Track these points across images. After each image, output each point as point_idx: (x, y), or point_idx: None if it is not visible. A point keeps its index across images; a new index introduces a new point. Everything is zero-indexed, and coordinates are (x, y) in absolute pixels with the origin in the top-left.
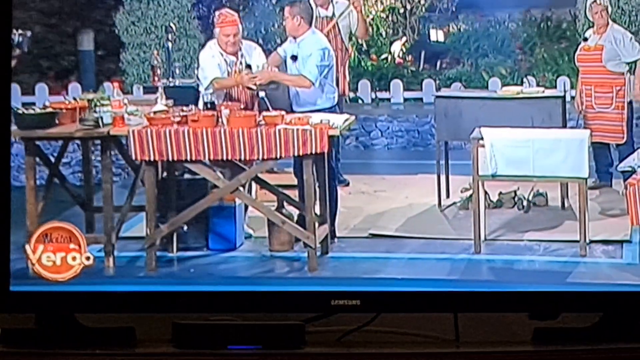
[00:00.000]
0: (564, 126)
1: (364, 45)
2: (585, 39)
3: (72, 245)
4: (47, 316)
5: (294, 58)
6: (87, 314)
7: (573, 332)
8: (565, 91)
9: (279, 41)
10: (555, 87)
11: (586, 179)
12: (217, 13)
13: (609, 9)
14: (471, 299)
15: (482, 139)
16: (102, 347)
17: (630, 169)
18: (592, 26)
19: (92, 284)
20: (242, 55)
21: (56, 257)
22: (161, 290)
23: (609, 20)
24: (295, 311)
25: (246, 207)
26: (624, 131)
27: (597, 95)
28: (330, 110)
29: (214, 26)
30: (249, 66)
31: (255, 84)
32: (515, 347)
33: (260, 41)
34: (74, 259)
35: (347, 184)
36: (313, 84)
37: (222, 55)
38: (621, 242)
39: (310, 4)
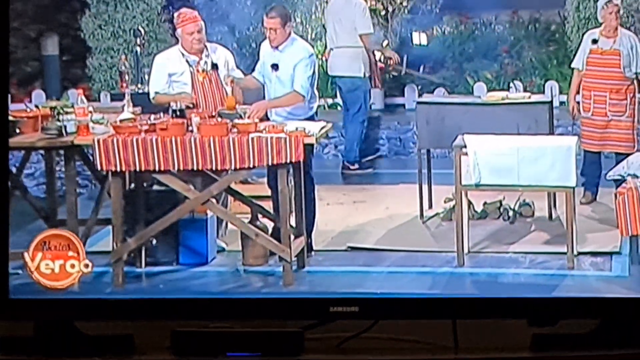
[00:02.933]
0: (551, 133)
1: None
2: (595, 41)
3: (70, 253)
4: (46, 324)
5: (275, 67)
6: (86, 321)
7: (571, 339)
8: (552, 96)
9: (254, 45)
10: (543, 92)
11: (574, 188)
12: (176, 14)
13: (621, 11)
14: (470, 306)
15: (465, 146)
16: (101, 354)
17: (620, 177)
18: (594, 27)
19: (90, 291)
20: (207, 55)
21: (55, 265)
22: (160, 297)
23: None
24: (294, 318)
25: (222, 219)
26: (635, 139)
27: (613, 102)
28: (309, 118)
29: (174, 28)
30: (215, 66)
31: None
32: (514, 354)
33: (235, 45)
34: (72, 266)
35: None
36: (305, 97)
37: (183, 56)
38: (610, 254)
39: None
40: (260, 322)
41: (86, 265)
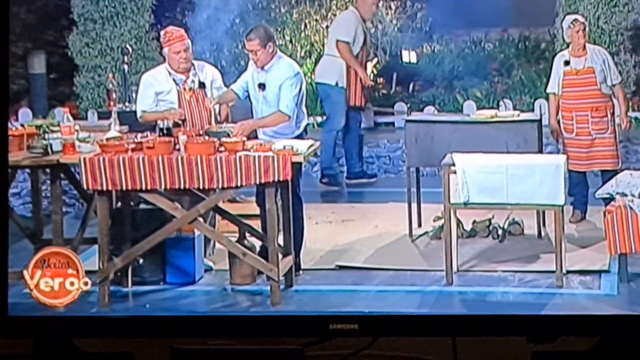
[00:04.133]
0: (540, 151)
1: None
2: (567, 63)
3: (70, 271)
4: (44, 341)
5: (262, 86)
6: (85, 339)
7: (571, 356)
8: (542, 114)
9: (242, 63)
10: (533, 110)
11: (562, 206)
12: (162, 33)
13: (587, 28)
14: (469, 323)
15: (453, 165)
16: None
17: (608, 195)
18: (567, 48)
19: (76, 310)
20: (194, 74)
21: (54, 283)
22: (159, 315)
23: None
24: (294, 335)
25: (209, 238)
26: (618, 156)
27: (595, 120)
28: (298, 137)
29: (161, 47)
30: (202, 84)
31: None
32: None
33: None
34: (72, 284)
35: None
36: (290, 117)
37: (170, 74)
38: (599, 272)
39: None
40: (260, 340)
41: (85, 283)
